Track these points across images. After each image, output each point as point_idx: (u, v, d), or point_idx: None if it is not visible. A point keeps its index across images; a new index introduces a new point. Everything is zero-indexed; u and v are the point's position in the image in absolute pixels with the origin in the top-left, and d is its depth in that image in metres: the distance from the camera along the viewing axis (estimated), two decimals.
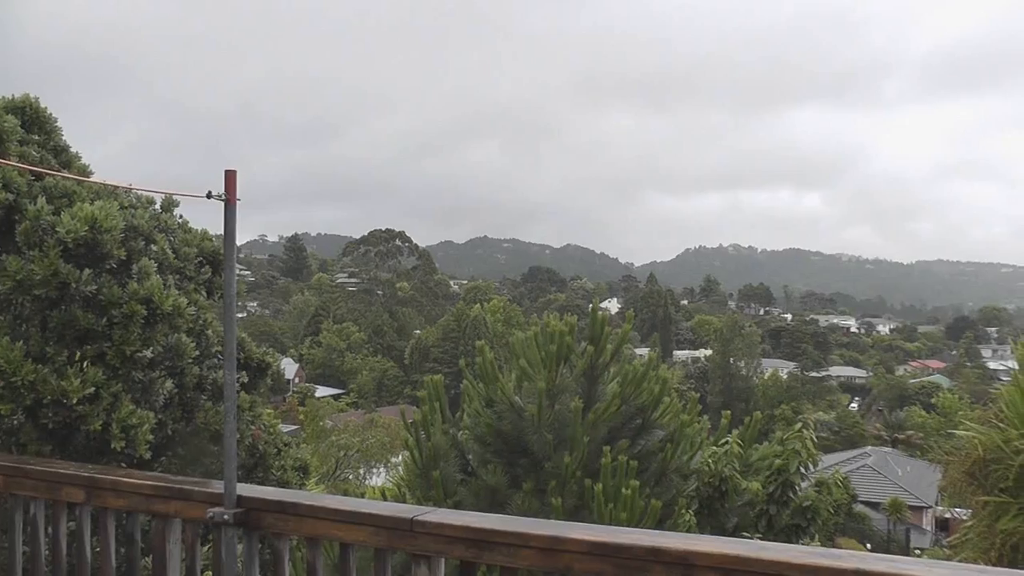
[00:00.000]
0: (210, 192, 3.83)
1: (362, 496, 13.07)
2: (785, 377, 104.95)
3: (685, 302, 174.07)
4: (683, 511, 9.87)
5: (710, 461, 10.81)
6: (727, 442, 11.30)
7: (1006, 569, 6.61)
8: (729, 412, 12.23)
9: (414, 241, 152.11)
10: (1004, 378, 9.46)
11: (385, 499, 10.87)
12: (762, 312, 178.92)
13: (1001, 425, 7.80)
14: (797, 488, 11.06)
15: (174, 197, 8.99)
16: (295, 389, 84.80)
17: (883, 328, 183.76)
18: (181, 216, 9.21)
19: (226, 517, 4.05)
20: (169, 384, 7.95)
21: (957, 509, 8.73)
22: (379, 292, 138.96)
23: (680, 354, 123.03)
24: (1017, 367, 8.40)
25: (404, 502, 10.01)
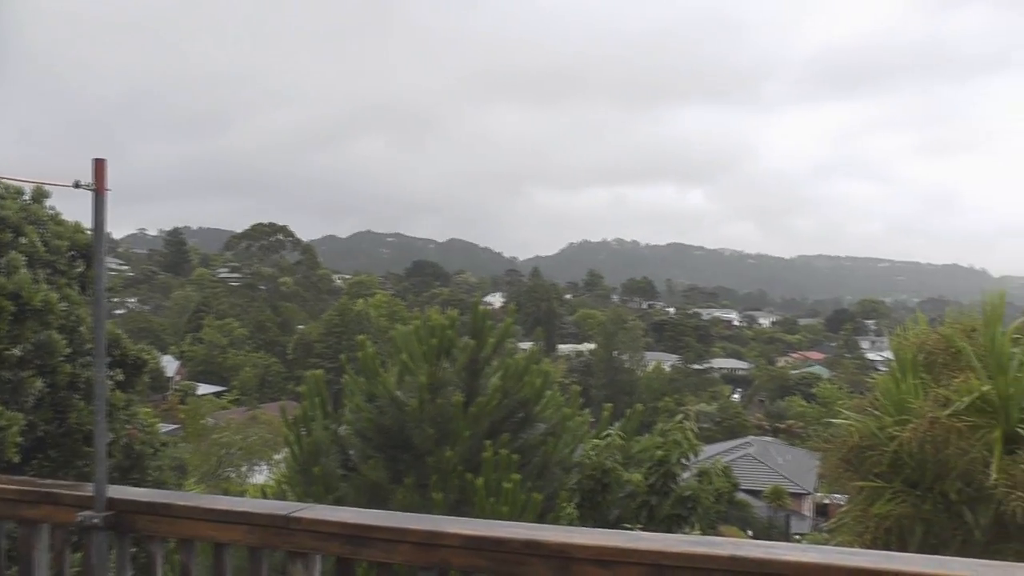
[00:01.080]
0: (78, 182, 3.69)
1: (242, 494, 12.88)
2: (668, 370, 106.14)
3: (569, 296, 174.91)
4: (565, 504, 9.92)
5: (592, 454, 10.88)
6: (609, 434, 11.38)
7: (875, 551, 6.77)
8: (611, 405, 12.33)
9: (297, 235, 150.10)
10: (881, 368, 9.69)
11: (265, 497, 10.73)
12: (645, 306, 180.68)
13: (876, 413, 7.98)
14: (678, 478, 11.19)
15: (44, 187, 8.73)
16: (176, 387, 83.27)
17: (764, 321, 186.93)
18: (53, 208, 8.96)
19: (96, 521, 3.92)
20: (40, 383, 7.72)
21: (835, 495, 8.92)
22: (262, 287, 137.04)
23: (564, 348, 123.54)
24: (892, 357, 8.61)
25: (285, 499, 9.88)
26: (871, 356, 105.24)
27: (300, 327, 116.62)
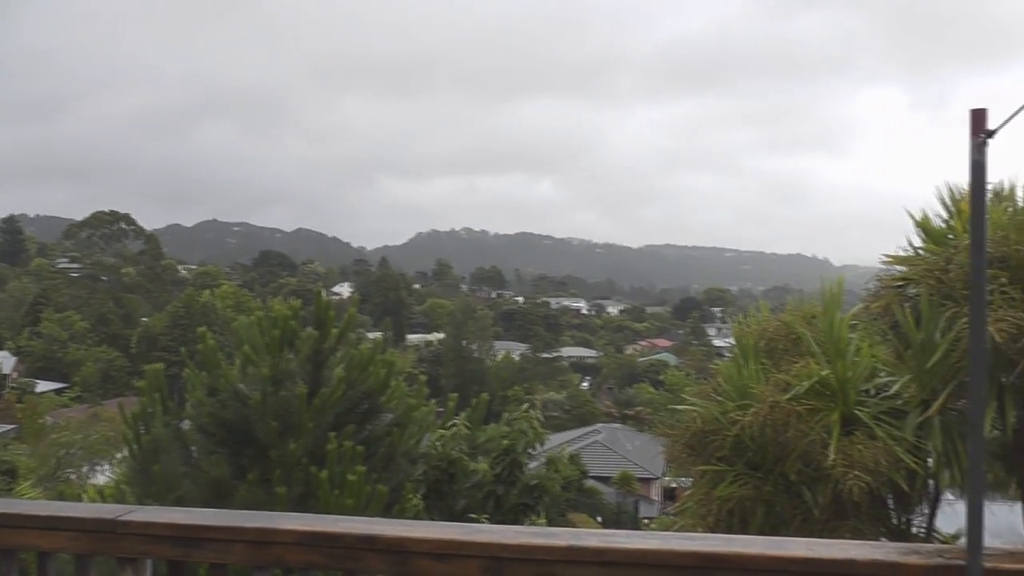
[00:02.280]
0: None
1: (79, 497, 12.47)
2: (517, 359, 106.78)
3: (418, 286, 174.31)
4: (411, 495, 9.86)
5: (438, 444, 10.84)
6: (455, 424, 11.36)
7: (715, 535, 6.88)
8: (456, 394, 12.29)
9: (140, 224, 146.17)
10: (726, 355, 9.88)
11: (103, 499, 10.39)
12: (494, 295, 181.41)
13: (719, 398, 8.13)
14: (525, 467, 11.23)
15: None
16: (12, 384, 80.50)
17: (613, 309, 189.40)
18: None
19: None
20: None
21: (682, 479, 9.06)
22: (104, 278, 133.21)
23: (413, 338, 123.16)
24: (735, 344, 8.79)
25: (124, 500, 9.61)
26: (717, 343, 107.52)
27: (144, 319, 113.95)
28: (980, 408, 3.12)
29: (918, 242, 7.99)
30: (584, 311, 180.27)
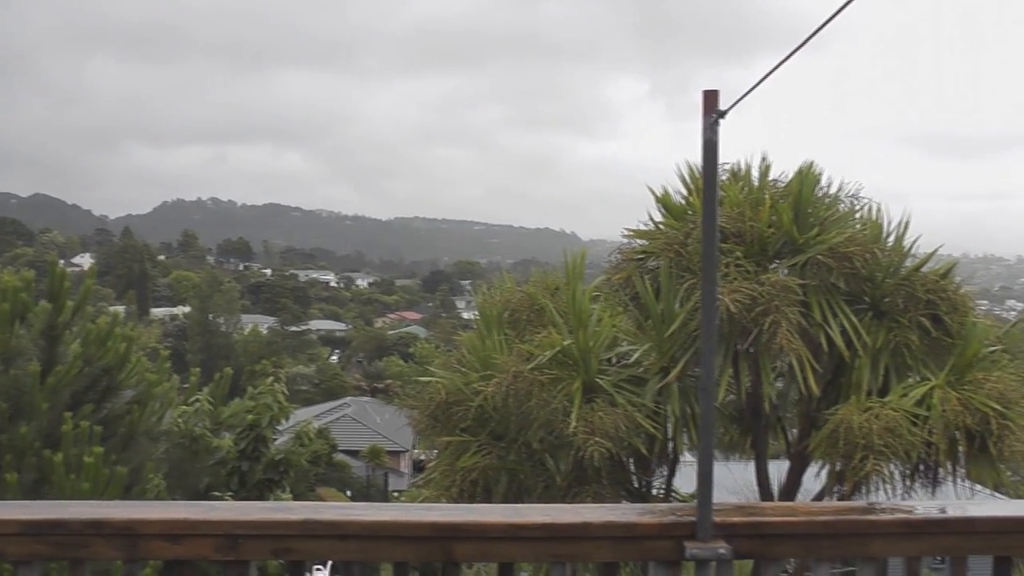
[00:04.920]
0: None
1: None
2: (266, 332, 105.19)
3: (163, 257, 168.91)
4: (152, 475, 9.55)
5: (180, 421, 10.55)
6: (197, 400, 11.07)
7: (456, 504, 6.97)
8: (198, 369, 11.98)
9: None
10: (475, 327, 9.94)
11: None
12: (242, 267, 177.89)
13: (463, 370, 8.19)
14: (270, 442, 11.06)
15: None
16: None
17: (362, 282, 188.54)
18: None
19: None
20: None
21: (432, 450, 9.08)
22: None
23: (158, 311, 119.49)
24: (478, 315, 8.87)
25: None
26: (466, 315, 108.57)
27: None
28: (710, 372, 3.24)
29: (659, 217, 8.28)
30: (333, 284, 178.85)
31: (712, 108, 2.94)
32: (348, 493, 37.25)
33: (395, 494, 38.44)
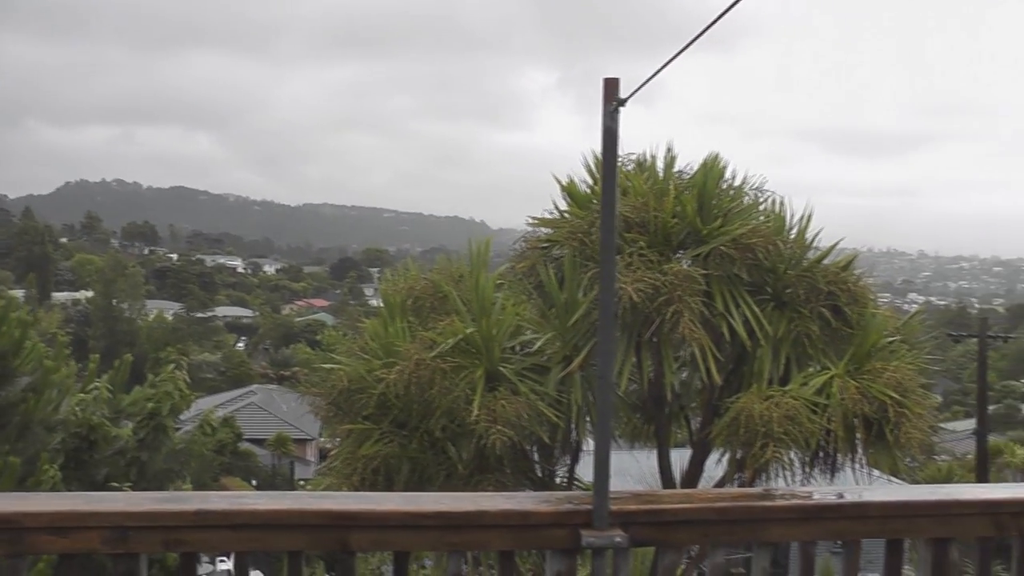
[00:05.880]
0: None
1: None
2: (171, 318, 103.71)
3: (65, 239, 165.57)
4: (47, 466, 9.33)
5: (78, 409, 10.33)
6: (96, 388, 10.85)
7: (352, 493, 6.94)
8: (98, 356, 11.73)
9: None
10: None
11: None
12: (147, 251, 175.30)
13: (366, 356, 8.14)
14: (170, 431, 10.89)
15: None
16: None
17: (270, 268, 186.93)
18: None
19: None
20: None
21: (336, 439, 9.02)
22: None
23: (60, 296, 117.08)
24: (382, 302, 8.83)
25: None
26: (374, 303, 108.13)
27: None
28: (609, 361, 3.25)
29: (564, 206, 8.29)
30: (240, 269, 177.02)
31: (612, 96, 2.95)
32: (254, 482, 36.97)
33: (301, 483, 38.25)
